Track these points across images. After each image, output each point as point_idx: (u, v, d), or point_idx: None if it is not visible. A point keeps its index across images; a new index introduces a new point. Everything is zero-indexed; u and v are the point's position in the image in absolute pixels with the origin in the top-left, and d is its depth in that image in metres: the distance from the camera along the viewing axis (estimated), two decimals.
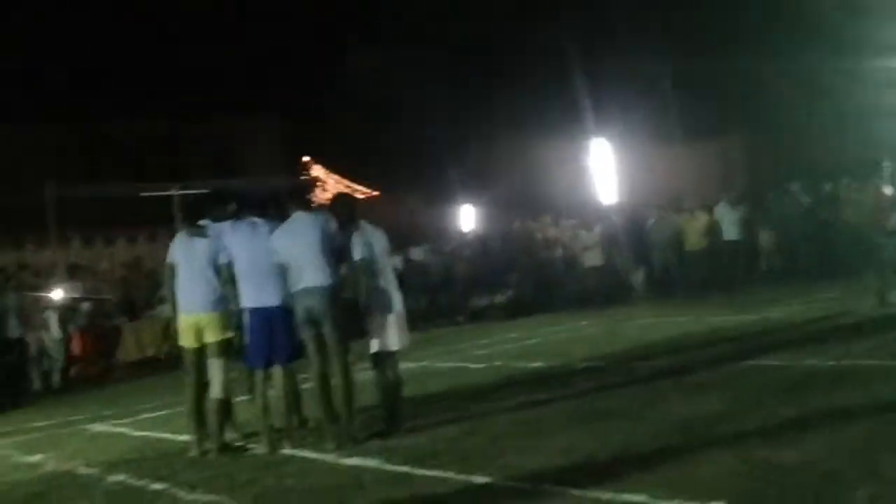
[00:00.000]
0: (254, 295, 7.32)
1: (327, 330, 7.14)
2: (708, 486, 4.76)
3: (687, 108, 25.95)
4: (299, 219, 7.34)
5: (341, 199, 8.11)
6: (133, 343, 16.32)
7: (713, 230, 17.73)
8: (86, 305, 17.53)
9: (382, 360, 7.39)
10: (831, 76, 20.84)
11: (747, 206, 18.55)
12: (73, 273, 18.95)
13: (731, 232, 17.81)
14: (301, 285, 7.14)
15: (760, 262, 18.97)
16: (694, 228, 17.83)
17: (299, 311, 7.16)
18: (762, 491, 4.61)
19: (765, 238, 18.76)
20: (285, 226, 7.33)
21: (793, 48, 21.84)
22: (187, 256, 7.59)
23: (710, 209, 18.17)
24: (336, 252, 7.26)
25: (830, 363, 8.03)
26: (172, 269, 7.71)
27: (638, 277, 18.33)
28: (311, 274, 7.12)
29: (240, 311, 7.44)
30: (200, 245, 7.56)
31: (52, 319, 15.28)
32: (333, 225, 7.33)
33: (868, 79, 19.58)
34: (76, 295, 17.46)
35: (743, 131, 25.32)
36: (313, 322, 7.15)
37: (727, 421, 6.26)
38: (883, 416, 5.85)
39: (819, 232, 17.26)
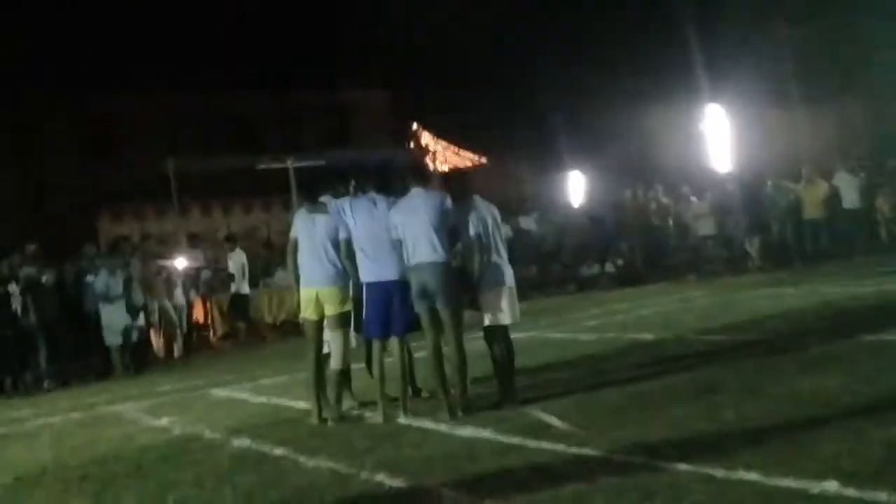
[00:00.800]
0: (373, 269, 7.52)
1: (441, 304, 7.30)
2: (822, 465, 4.72)
3: (805, 72, 25.13)
4: (417, 195, 7.48)
5: (456, 175, 8.29)
6: (251, 311, 16.80)
7: (832, 199, 17.26)
8: (206, 273, 18.15)
9: (494, 332, 7.52)
10: None
11: (867, 173, 17.96)
12: (192, 242, 19.62)
13: (850, 200, 17.30)
14: (416, 260, 7.30)
15: (880, 230, 18.34)
16: (812, 197, 17.41)
17: (414, 285, 7.33)
18: (878, 471, 4.55)
19: (883, 205, 18.12)
20: (403, 202, 7.49)
21: None
22: (308, 232, 7.84)
23: (828, 176, 17.68)
24: (451, 229, 7.39)
25: None
26: (295, 243, 7.97)
27: (753, 246, 17.99)
28: (426, 250, 7.27)
29: (359, 285, 7.65)
30: (321, 221, 7.79)
31: (177, 287, 15.84)
32: (449, 202, 7.46)
33: None
34: (198, 264, 18.08)
35: (863, 95, 24.43)
36: (427, 296, 7.31)
37: (844, 398, 6.16)
38: None
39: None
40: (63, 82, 27.20)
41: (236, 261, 16.62)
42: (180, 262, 16.95)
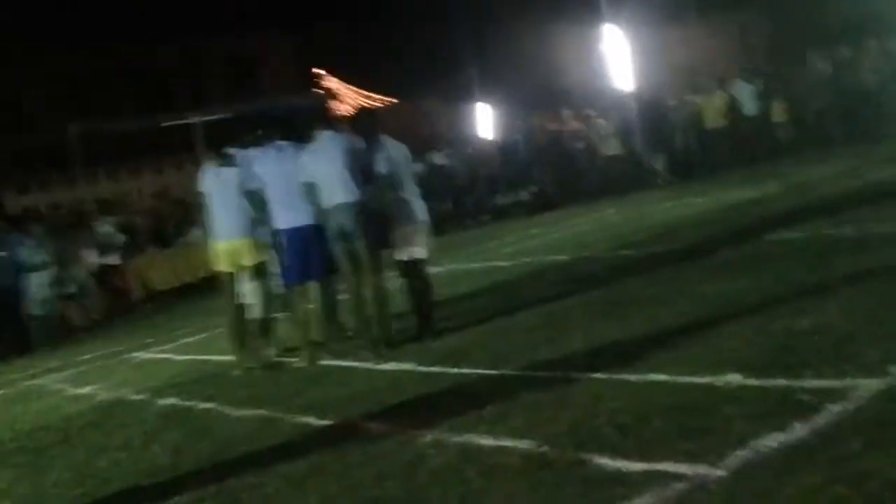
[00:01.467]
0: (287, 216, 7.53)
1: (358, 244, 7.35)
2: (725, 359, 4.95)
3: None
4: (325, 138, 7.50)
5: (361, 116, 8.31)
6: (168, 271, 16.63)
7: (732, 108, 17.66)
8: (119, 238, 17.85)
9: (410, 267, 7.61)
10: None
11: (764, 80, 18.36)
12: (103, 208, 19.25)
13: (749, 107, 17.72)
14: (331, 202, 7.33)
15: (776, 134, 18.81)
16: (712, 107, 17.78)
17: (331, 227, 7.37)
18: (776, 358, 4.80)
19: (778, 110, 18.57)
20: (312, 146, 7.50)
21: None
22: (218, 186, 7.81)
23: (727, 86, 18.05)
24: (362, 169, 7.42)
25: (848, 231, 8.14)
26: (204, 198, 7.93)
27: (659, 162, 18.34)
28: (339, 191, 7.30)
29: (274, 233, 7.64)
30: (230, 173, 7.76)
31: (89, 255, 15.56)
32: (358, 142, 7.51)
33: None
34: (111, 229, 17.76)
35: (759, 5, 24.85)
36: (344, 237, 7.35)
37: (749, 297, 6.41)
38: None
39: (839, 100, 17.11)
40: None
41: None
42: (91, 230, 16.63)
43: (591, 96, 21.62)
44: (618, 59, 22.15)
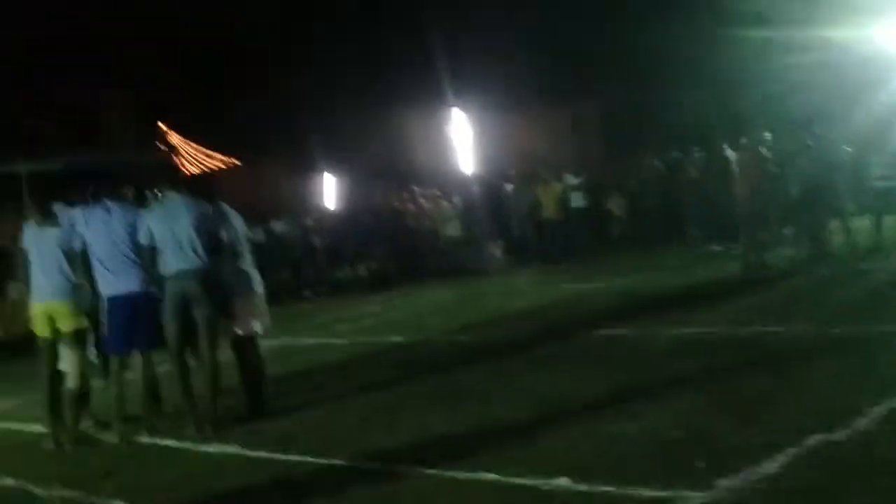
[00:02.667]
0: (112, 282, 7.20)
1: (201, 311, 7.04)
2: (555, 461, 4.99)
3: (541, 75, 26.32)
4: (173, 200, 7.23)
5: (203, 180, 8.09)
6: None
7: (565, 199, 18.20)
8: None
9: (244, 341, 7.40)
10: (690, 45, 21.45)
11: (591, 175, 19.01)
12: None
13: (576, 200, 18.29)
14: (178, 267, 7.03)
15: (612, 229, 19.47)
16: (549, 197, 18.23)
17: (173, 293, 7.05)
18: (604, 462, 4.88)
19: (616, 205, 19.29)
20: (158, 207, 7.26)
21: (653, 17, 22.48)
22: (39, 244, 7.41)
23: (560, 177, 18.64)
24: (209, 235, 7.17)
25: (674, 332, 8.45)
26: (25, 255, 7.51)
27: (497, 246, 18.67)
28: (189, 256, 7.02)
29: (96, 299, 7.31)
30: (52, 233, 7.38)
31: None
32: (207, 207, 7.28)
33: (727, 48, 20.15)
34: None
35: (597, 98, 25.93)
36: (184, 306, 7.04)
37: (578, 394, 6.53)
38: (720, 384, 6.23)
39: (669, 199, 17.88)
40: None
41: None
42: None
43: (436, 176, 21.93)
44: (462, 142, 22.69)
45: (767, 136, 13.54)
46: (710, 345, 7.65)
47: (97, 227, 7.26)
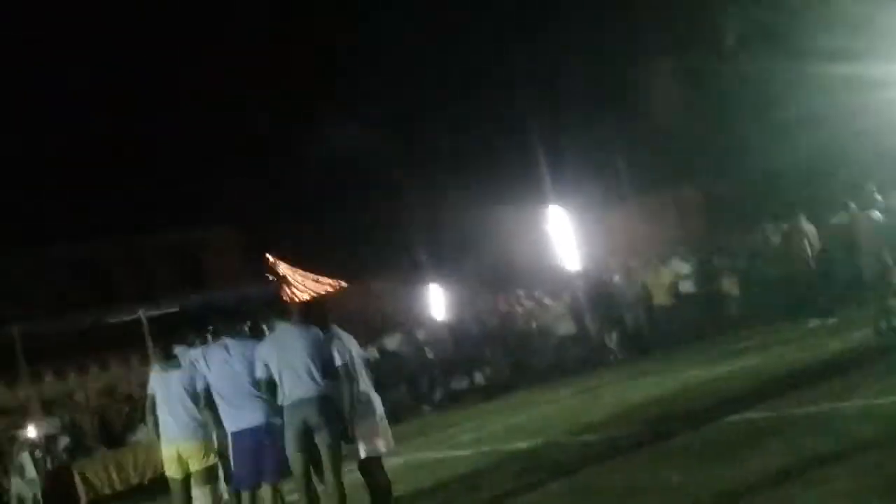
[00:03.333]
0: (236, 417, 7.31)
1: (322, 439, 7.04)
2: None
3: (637, 164, 26.33)
4: (285, 330, 7.32)
5: (315, 305, 8.19)
6: (116, 473, 16.02)
7: (675, 284, 17.94)
8: (63, 440, 17.30)
9: (370, 464, 7.37)
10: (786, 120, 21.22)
11: (701, 257, 18.67)
12: (48, 409, 18.75)
13: (686, 285, 17.99)
14: (296, 396, 7.07)
15: (726, 309, 18.95)
16: (658, 283, 18.03)
17: (293, 423, 7.06)
18: None
19: (727, 285, 18.82)
20: (270, 339, 7.35)
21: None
22: (163, 388, 7.64)
23: (667, 264, 18.42)
24: (326, 360, 7.21)
25: (811, 410, 8.10)
26: (152, 400, 7.72)
27: (612, 339, 18.42)
28: (306, 384, 7.06)
29: (223, 435, 7.43)
30: (175, 375, 7.59)
31: (26, 461, 14.89)
32: (318, 332, 7.31)
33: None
34: (54, 431, 17.24)
35: (697, 183, 25.71)
36: (307, 434, 7.06)
37: (724, 486, 6.27)
38: (869, 460, 5.91)
39: (789, 270, 17.36)
40: None
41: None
42: (31, 432, 16.08)
43: (540, 276, 21.88)
44: (563, 239, 22.64)
45: (877, 196, 13.09)
46: (848, 419, 7.32)
47: (217, 364, 7.43)
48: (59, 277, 29.28)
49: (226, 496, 7.78)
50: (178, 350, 7.81)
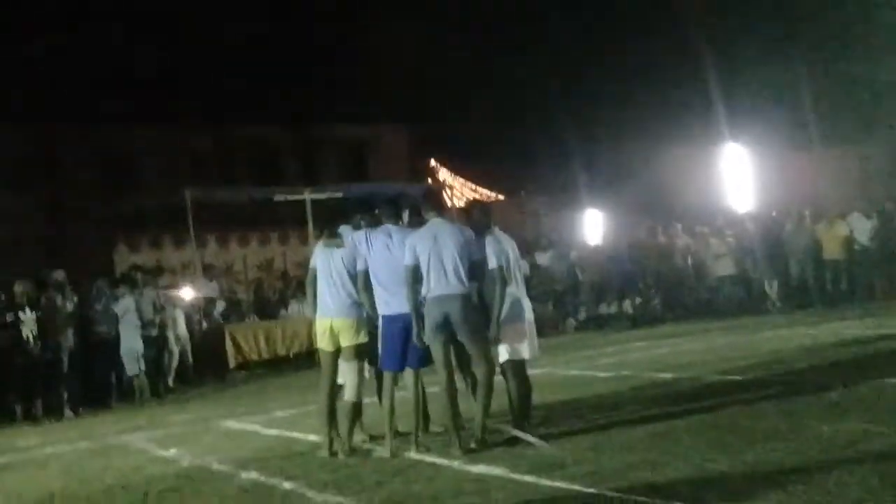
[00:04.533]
0: (391, 302, 7.42)
1: (464, 333, 7.14)
2: None
3: (825, 114, 25.04)
4: (438, 224, 7.37)
5: (478, 206, 8.20)
6: (265, 342, 16.69)
7: (850, 240, 17.12)
8: (221, 305, 18.08)
9: (513, 367, 7.37)
10: None
11: (882, 216, 17.68)
12: (208, 273, 19.57)
13: (864, 240, 17.17)
14: (438, 292, 7.14)
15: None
16: (831, 237, 17.25)
17: (434, 316, 7.15)
18: None
19: None
20: (424, 230, 7.37)
21: None
22: (325, 264, 7.78)
23: (846, 218, 17.54)
24: (473, 262, 7.25)
25: None
26: (314, 273, 7.90)
27: (772, 287, 17.79)
28: (450, 281, 7.13)
29: (375, 317, 7.55)
30: (338, 253, 7.72)
31: (179, 317, 15.63)
32: (471, 234, 7.34)
33: None
34: (213, 294, 18.00)
35: (884, 139, 24.25)
36: (446, 329, 7.15)
37: (870, 443, 5.99)
38: None
39: None
40: (86, 116, 27.53)
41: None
42: (186, 292, 16.80)
43: (707, 213, 21.20)
44: (737, 178, 21.83)
45: None
46: None
47: (379, 248, 7.50)
48: (232, 157, 30.33)
49: (367, 375, 7.95)
50: (343, 230, 7.91)
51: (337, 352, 7.70)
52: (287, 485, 6.67)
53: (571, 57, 33.83)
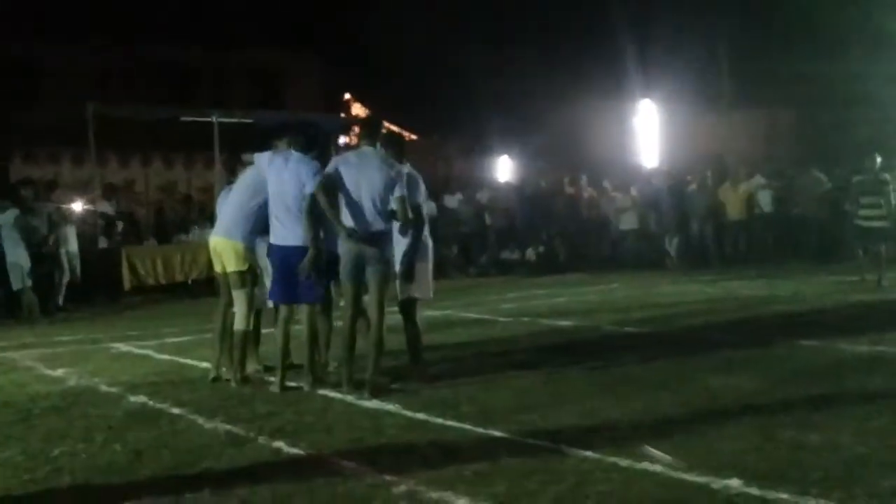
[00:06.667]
0: (277, 231, 7.17)
1: (373, 272, 6.85)
2: (727, 461, 4.71)
3: (736, 76, 25.41)
4: (369, 154, 6.99)
5: (393, 138, 7.84)
6: (162, 266, 16.32)
7: (752, 202, 17.54)
8: (119, 225, 17.60)
9: (410, 306, 7.31)
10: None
11: (782, 181, 18.14)
12: (108, 192, 18.99)
13: (764, 205, 17.61)
14: (360, 226, 6.84)
15: (805, 236, 18.42)
16: (734, 199, 17.65)
17: (351, 252, 6.85)
18: (782, 470, 4.53)
19: (810, 209, 18.18)
20: (354, 157, 7.01)
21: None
22: (237, 184, 7.60)
23: (749, 180, 17.94)
24: (414, 205, 6.96)
25: (863, 348, 7.91)
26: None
27: (673, 244, 18.15)
28: (374, 216, 6.83)
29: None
30: (244, 175, 7.54)
31: (71, 234, 15.06)
32: (400, 170, 6.97)
33: None
34: (109, 212, 17.48)
35: (794, 104, 24.76)
36: (361, 266, 6.89)
37: (754, 397, 6.19)
38: None
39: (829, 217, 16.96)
40: None
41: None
42: (78, 207, 16.19)
43: (614, 167, 21.44)
44: (648, 134, 22.09)
45: None
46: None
47: (273, 174, 7.18)
48: (140, 74, 29.37)
49: (269, 304, 7.81)
50: (253, 155, 7.62)
51: (227, 274, 7.52)
52: (176, 410, 6.56)
53: (492, 4, 33.62)
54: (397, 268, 7.10)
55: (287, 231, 7.10)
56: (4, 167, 21.01)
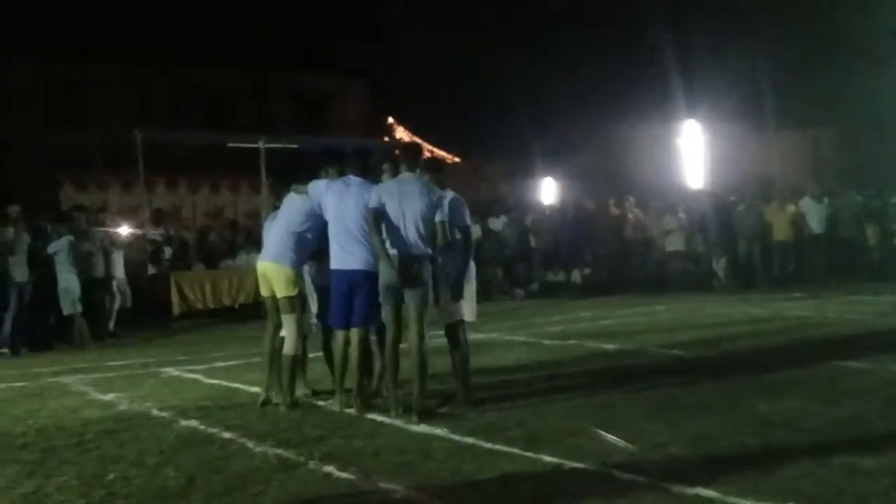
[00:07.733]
0: (338, 256, 7.22)
1: (412, 298, 6.90)
2: (782, 486, 4.65)
3: (781, 96, 25.23)
4: (409, 180, 7.07)
5: (434, 163, 7.89)
6: (210, 291, 16.52)
7: (799, 222, 17.36)
8: (168, 250, 17.83)
9: (455, 329, 7.32)
10: None
11: (832, 201, 17.94)
12: (156, 218, 19.25)
13: (814, 226, 17.42)
14: (402, 250, 6.91)
15: (858, 257, 18.14)
16: (781, 219, 17.49)
17: (392, 275, 6.89)
18: (839, 496, 4.48)
19: (861, 231, 17.92)
20: (393, 184, 7.10)
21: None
22: (283, 209, 7.68)
23: (796, 201, 17.77)
24: (460, 227, 7.12)
25: None
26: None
27: (720, 265, 18.01)
28: (414, 240, 6.90)
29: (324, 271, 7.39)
30: (293, 200, 7.61)
31: (119, 259, 15.27)
32: (440, 196, 7.04)
33: None
34: (157, 239, 17.69)
35: (837, 123, 24.52)
36: (400, 288, 6.94)
37: (806, 421, 6.11)
38: None
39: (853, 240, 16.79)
40: (33, 48, 26.81)
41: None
42: (125, 233, 16.37)
43: (660, 189, 21.33)
44: (693, 155, 21.96)
45: None
46: None
47: (333, 200, 7.25)
48: (184, 98, 29.75)
49: (314, 330, 7.88)
50: (302, 179, 7.70)
51: (275, 298, 7.59)
52: (226, 434, 6.63)
53: (535, 27, 33.77)
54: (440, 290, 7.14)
55: (349, 255, 7.16)
56: (55, 193, 21.36)
